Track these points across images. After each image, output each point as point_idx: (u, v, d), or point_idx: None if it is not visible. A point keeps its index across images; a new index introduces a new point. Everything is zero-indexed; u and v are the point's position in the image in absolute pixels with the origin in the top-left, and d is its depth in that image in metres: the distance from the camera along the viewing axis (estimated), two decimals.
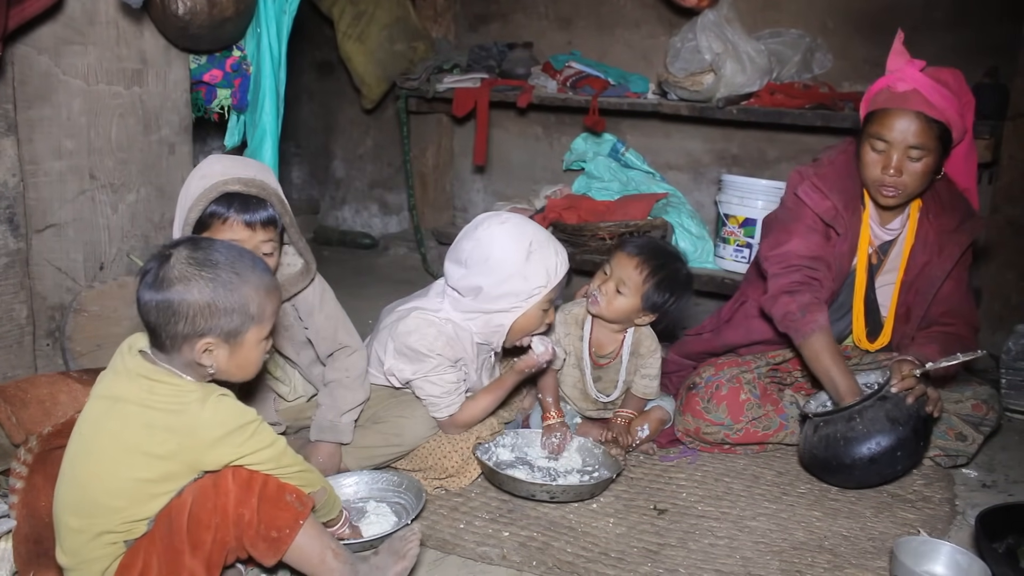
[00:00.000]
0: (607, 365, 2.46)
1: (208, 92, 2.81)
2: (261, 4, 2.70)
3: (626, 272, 2.34)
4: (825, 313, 2.29)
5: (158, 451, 1.49)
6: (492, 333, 2.21)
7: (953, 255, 2.33)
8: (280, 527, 1.53)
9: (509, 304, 2.15)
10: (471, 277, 2.16)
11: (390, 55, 4.35)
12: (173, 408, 1.50)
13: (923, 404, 2.17)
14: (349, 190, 5.09)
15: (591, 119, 3.77)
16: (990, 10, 3.39)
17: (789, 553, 1.95)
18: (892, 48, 2.29)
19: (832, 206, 2.34)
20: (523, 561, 1.89)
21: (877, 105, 2.27)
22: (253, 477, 1.54)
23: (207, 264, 1.51)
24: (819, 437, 2.21)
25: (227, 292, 1.51)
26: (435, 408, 2.21)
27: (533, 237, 2.15)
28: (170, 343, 1.52)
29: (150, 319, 1.51)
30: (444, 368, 2.18)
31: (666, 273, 2.34)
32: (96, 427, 1.53)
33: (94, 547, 1.50)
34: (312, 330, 2.22)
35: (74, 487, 1.52)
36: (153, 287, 1.50)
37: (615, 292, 2.34)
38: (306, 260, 2.16)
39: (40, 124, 2.37)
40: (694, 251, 3.77)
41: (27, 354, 2.39)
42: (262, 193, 1.93)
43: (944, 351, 2.23)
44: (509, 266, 2.12)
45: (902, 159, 2.21)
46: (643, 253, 2.36)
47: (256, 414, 1.57)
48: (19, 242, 2.33)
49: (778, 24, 3.75)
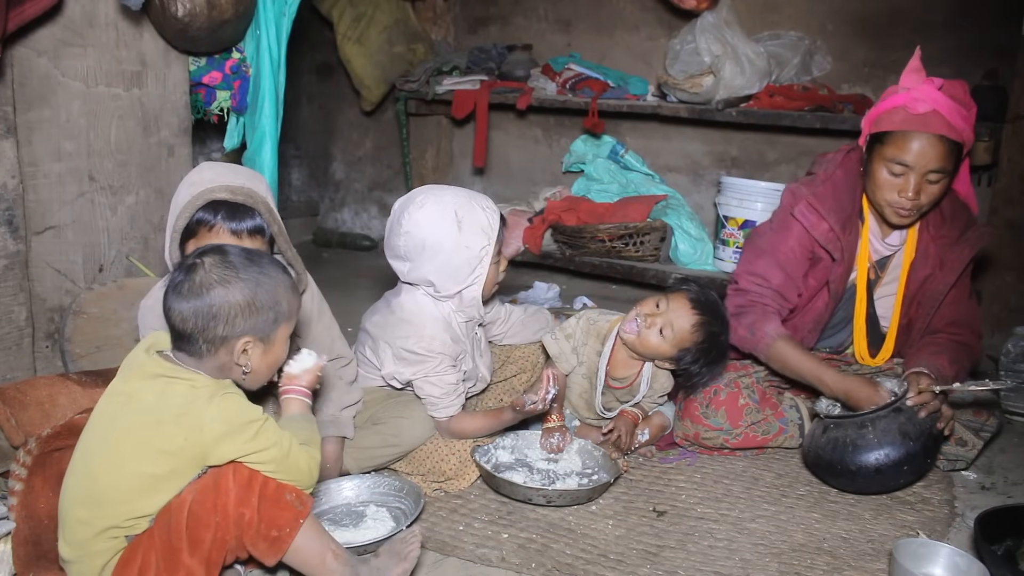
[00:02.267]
0: (619, 389, 2.42)
1: (207, 94, 2.82)
2: (260, 6, 2.70)
3: (680, 322, 2.25)
4: (774, 323, 2.29)
5: (166, 446, 1.50)
6: (469, 307, 2.23)
7: (956, 269, 2.29)
8: (280, 526, 1.53)
9: (466, 276, 2.17)
10: (417, 269, 2.18)
11: (389, 57, 4.35)
12: (182, 404, 1.52)
13: (935, 421, 2.15)
14: (349, 192, 5.09)
15: (590, 121, 3.78)
16: (989, 12, 3.39)
17: (788, 555, 1.95)
18: (908, 65, 2.22)
19: (829, 228, 2.29)
20: (522, 563, 1.89)
21: (894, 125, 2.17)
22: (254, 476, 1.54)
23: (240, 267, 1.56)
24: (828, 439, 2.20)
25: (263, 291, 1.57)
26: (434, 408, 2.22)
27: (455, 206, 2.13)
28: (207, 348, 1.55)
29: (187, 327, 1.54)
30: (445, 368, 2.19)
31: (713, 347, 2.27)
32: (110, 422, 1.55)
33: (98, 541, 1.51)
34: (308, 340, 2.22)
35: (85, 479, 1.53)
36: (190, 295, 1.53)
37: (658, 332, 2.26)
38: (296, 271, 2.13)
39: (39, 126, 2.37)
40: (693, 253, 3.77)
41: (26, 356, 2.39)
42: (249, 201, 1.92)
43: (954, 362, 2.21)
44: (447, 244, 2.12)
45: (920, 182, 2.15)
46: (707, 314, 2.25)
47: (262, 413, 1.58)
48: (18, 244, 2.33)
49: (777, 26, 3.76)
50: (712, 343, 2.26)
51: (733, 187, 3.59)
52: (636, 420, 2.40)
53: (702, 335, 2.25)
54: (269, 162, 2.84)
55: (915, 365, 2.22)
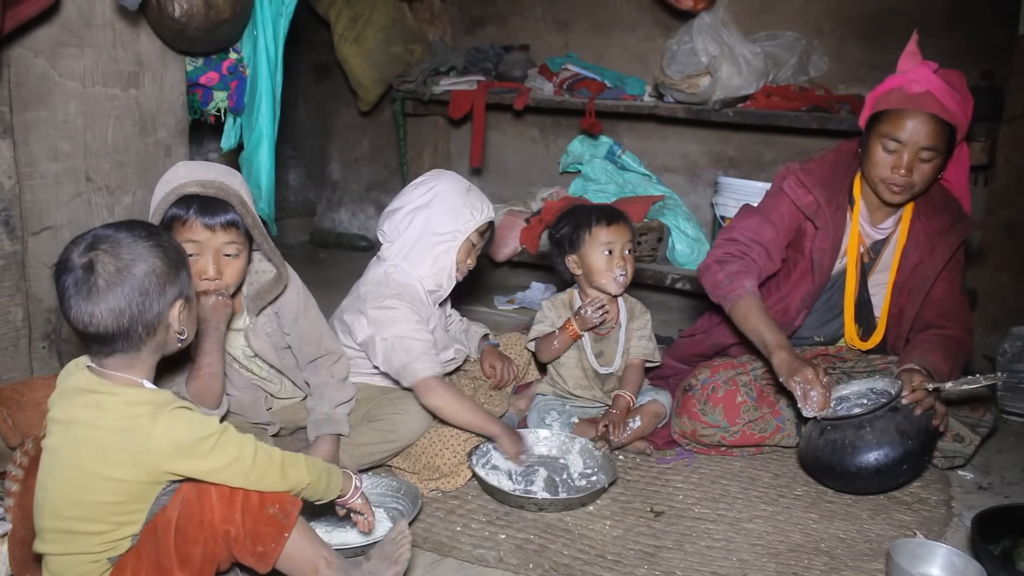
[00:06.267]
0: (607, 335, 2.51)
1: (204, 94, 2.81)
2: (258, 6, 2.69)
3: (625, 237, 2.47)
4: (753, 280, 2.32)
5: (116, 474, 1.43)
6: (440, 271, 2.34)
7: (944, 256, 2.34)
8: (265, 542, 1.49)
9: (450, 230, 2.31)
10: (417, 217, 2.33)
11: (387, 57, 4.35)
12: (123, 425, 1.44)
13: (931, 418, 2.16)
14: (346, 192, 5.09)
15: (587, 121, 3.78)
16: (985, 13, 3.40)
17: (786, 555, 1.96)
18: (906, 49, 2.30)
19: (814, 200, 2.37)
20: (520, 564, 1.89)
21: (890, 105, 2.27)
22: (234, 491, 1.48)
23: (128, 239, 1.46)
24: (825, 441, 2.20)
25: (167, 249, 1.49)
26: (415, 368, 2.19)
27: (448, 178, 2.39)
28: (145, 332, 1.46)
29: (123, 320, 1.43)
30: (413, 321, 2.25)
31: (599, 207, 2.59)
32: (56, 454, 1.47)
33: (78, 567, 1.47)
34: (296, 336, 2.22)
35: (49, 516, 1.47)
36: (111, 287, 1.42)
37: (608, 254, 2.45)
38: (275, 264, 2.13)
39: (36, 126, 2.36)
40: (690, 253, 3.77)
41: (23, 357, 2.39)
42: (221, 194, 1.92)
43: (948, 358, 2.23)
44: (453, 196, 2.34)
45: (913, 159, 2.23)
46: (613, 213, 2.50)
47: (218, 426, 1.48)
48: (15, 244, 2.33)
49: (774, 27, 3.76)
50: (600, 207, 2.55)
51: (730, 187, 3.59)
52: (628, 405, 2.44)
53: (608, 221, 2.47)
54: (266, 162, 2.84)
55: (908, 362, 2.23)
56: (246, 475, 1.49)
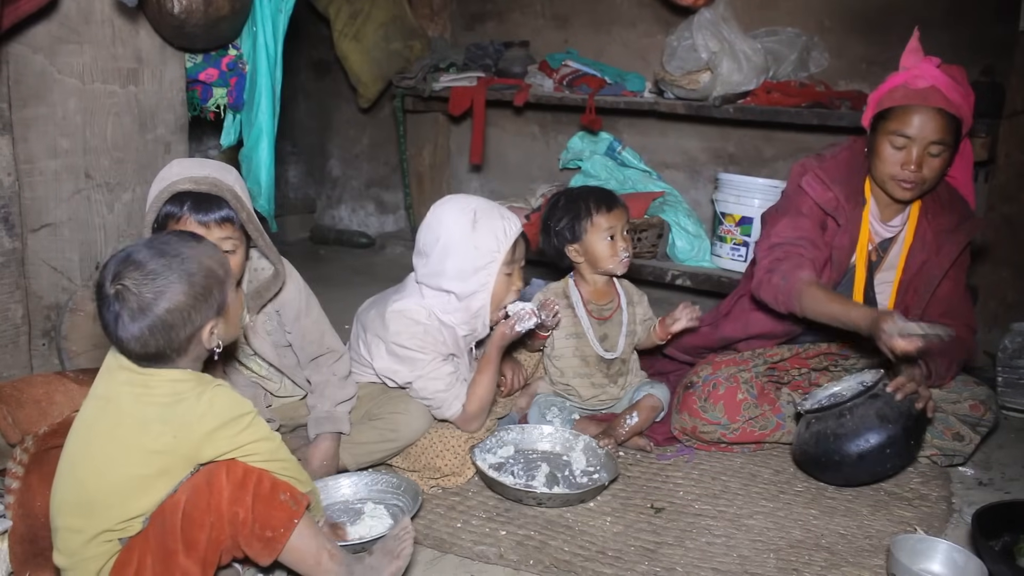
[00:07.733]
0: (610, 318, 2.50)
1: (204, 91, 2.80)
2: (257, 3, 2.69)
3: (623, 218, 2.45)
4: (808, 271, 2.27)
5: (153, 446, 1.48)
6: (474, 318, 2.25)
7: (951, 254, 2.34)
8: (275, 527, 1.52)
9: (470, 276, 2.19)
10: (431, 263, 2.21)
11: (386, 54, 4.34)
12: (168, 401, 1.50)
13: (914, 402, 2.17)
14: (346, 189, 5.08)
15: (588, 118, 3.77)
16: (986, 8, 3.39)
17: (786, 551, 1.96)
18: (908, 45, 2.30)
19: (834, 196, 2.35)
20: (520, 560, 1.89)
21: (895, 101, 2.26)
22: (247, 475, 1.52)
23: (160, 267, 1.48)
24: (810, 434, 2.22)
25: (196, 275, 1.50)
26: (445, 405, 2.21)
27: (476, 207, 2.23)
28: (177, 353, 1.52)
29: (150, 348, 1.48)
30: (438, 363, 2.20)
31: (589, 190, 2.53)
32: (91, 427, 1.53)
33: (91, 547, 1.50)
34: (297, 334, 2.21)
35: (73, 487, 1.51)
36: (136, 320, 1.46)
37: (610, 240, 2.42)
38: (271, 261, 2.12)
39: (35, 123, 2.36)
40: (691, 249, 3.77)
41: (23, 354, 2.39)
42: (214, 190, 1.91)
43: (943, 352, 2.23)
44: (458, 238, 2.18)
45: (922, 154, 2.22)
46: (610, 197, 2.46)
47: (252, 406, 1.57)
48: (14, 241, 2.33)
49: (774, 23, 3.76)
50: (589, 190, 2.49)
51: (730, 183, 3.59)
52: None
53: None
54: (266, 159, 2.83)
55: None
56: (274, 453, 1.58)
